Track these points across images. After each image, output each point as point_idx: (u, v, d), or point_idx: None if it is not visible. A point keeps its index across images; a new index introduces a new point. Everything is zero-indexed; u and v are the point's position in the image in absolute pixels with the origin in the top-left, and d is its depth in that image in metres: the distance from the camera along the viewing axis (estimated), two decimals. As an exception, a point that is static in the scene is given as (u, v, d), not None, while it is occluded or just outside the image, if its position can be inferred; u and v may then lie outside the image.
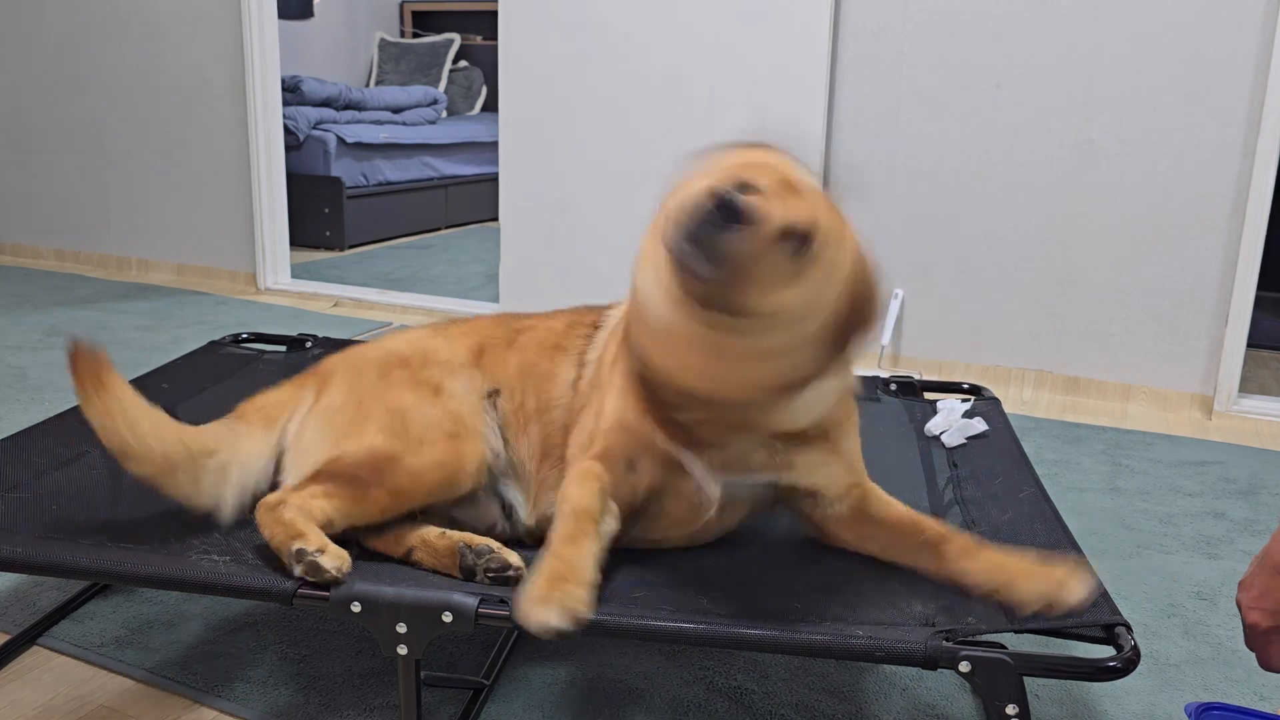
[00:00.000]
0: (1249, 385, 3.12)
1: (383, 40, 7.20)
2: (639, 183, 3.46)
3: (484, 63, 7.11)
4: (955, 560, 1.22)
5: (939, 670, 1.10)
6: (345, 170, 5.33)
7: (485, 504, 1.40)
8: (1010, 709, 1.08)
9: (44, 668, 1.55)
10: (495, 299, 4.02)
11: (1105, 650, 1.10)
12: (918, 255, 3.23)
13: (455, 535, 1.29)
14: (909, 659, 1.09)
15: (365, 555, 1.31)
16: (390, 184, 5.66)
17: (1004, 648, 1.09)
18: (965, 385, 2.09)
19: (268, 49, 4.18)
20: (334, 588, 1.19)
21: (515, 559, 1.25)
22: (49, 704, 1.46)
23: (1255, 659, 1.20)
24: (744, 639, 1.14)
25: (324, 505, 1.27)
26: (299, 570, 1.20)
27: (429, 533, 1.30)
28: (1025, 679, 1.08)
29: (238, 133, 4.25)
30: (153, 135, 4.45)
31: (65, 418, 1.77)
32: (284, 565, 1.22)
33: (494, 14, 3.83)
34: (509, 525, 1.41)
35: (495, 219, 4.04)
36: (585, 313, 1.52)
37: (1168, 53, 2.86)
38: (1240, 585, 1.18)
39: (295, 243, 4.62)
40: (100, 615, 1.68)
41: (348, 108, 5.69)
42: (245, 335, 2.29)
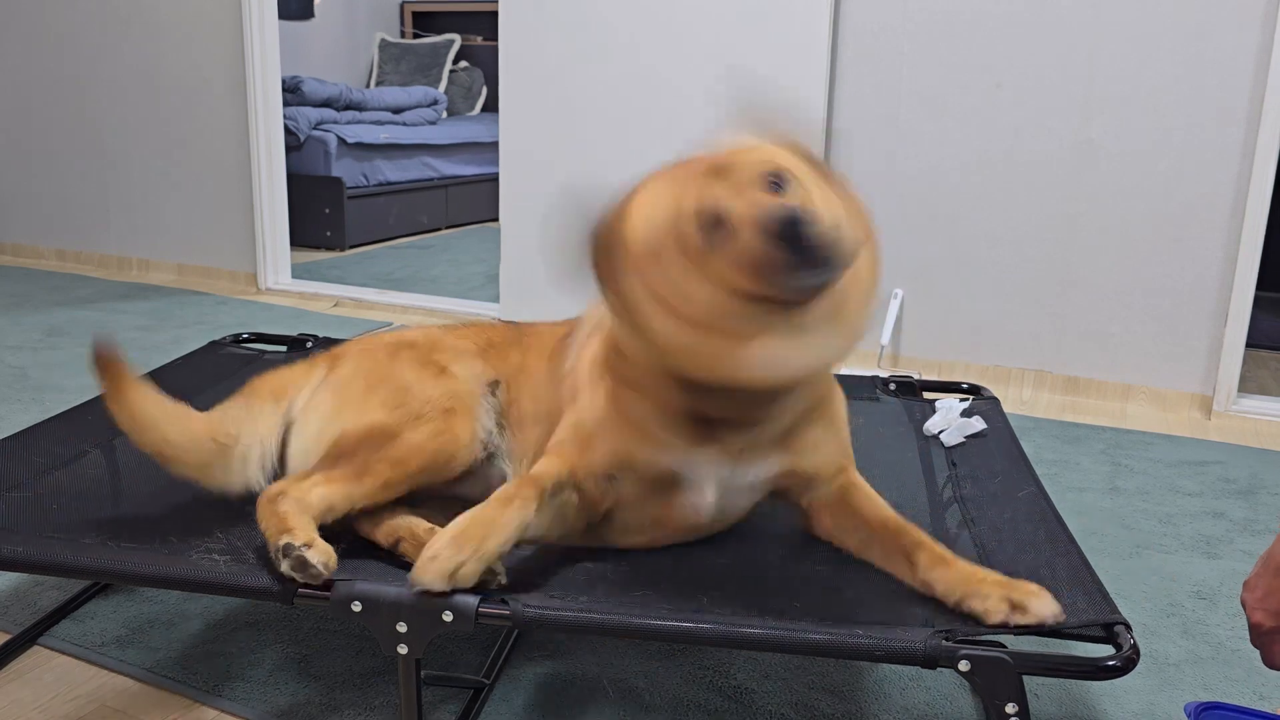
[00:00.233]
0: (1248, 385, 3.12)
1: (383, 41, 7.20)
2: (639, 183, 3.45)
3: (484, 63, 7.11)
4: (926, 570, 1.22)
5: (938, 669, 1.10)
6: (346, 170, 5.34)
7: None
8: (1010, 708, 1.08)
9: (44, 667, 1.55)
10: (495, 299, 4.02)
11: (1105, 649, 1.10)
12: (918, 255, 3.23)
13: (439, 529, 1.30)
14: (908, 658, 1.09)
15: (360, 550, 1.31)
16: (391, 184, 5.66)
17: (1003, 647, 1.09)
18: (964, 385, 2.09)
19: (268, 49, 4.19)
20: (329, 586, 1.19)
21: None
22: (49, 704, 1.46)
23: (1259, 657, 1.21)
24: (744, 638, 1.13)
25: (324, 492, 1.28)
26: (284, 566, 1.18)
27: (417, 525, 1.31)
28: (1025, 678, 1.08)
29: (238, 133, 4.25)
30: (153, 135, 4.45)
31: (65, 418, 1.77)
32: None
33: (494, 14, 3.83)
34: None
35: (495, 219, 4.04)
36: (572, 323, 1.54)
37: (1168, 53, 2.86)
38: (1245, 585, 1.19)
39: (296, 243, 4.62)
40: (101, 615, 1.68)
41: (348, 108, 5.69)
42: (246, 335, 2.29)
